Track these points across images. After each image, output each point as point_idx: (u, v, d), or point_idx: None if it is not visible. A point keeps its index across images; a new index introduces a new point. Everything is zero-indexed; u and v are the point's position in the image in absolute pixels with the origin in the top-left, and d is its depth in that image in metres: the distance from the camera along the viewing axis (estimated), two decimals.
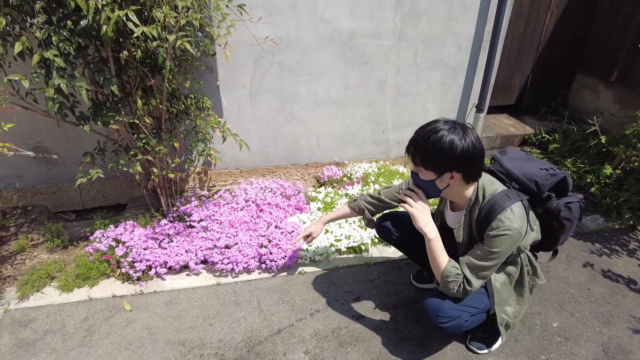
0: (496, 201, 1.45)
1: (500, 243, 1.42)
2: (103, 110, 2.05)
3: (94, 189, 2.90)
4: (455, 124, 1.39)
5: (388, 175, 3.09)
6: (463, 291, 1.51)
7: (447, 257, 1.51)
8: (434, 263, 1.52)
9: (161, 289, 2.17)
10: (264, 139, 3.02)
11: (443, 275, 1.51)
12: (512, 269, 1.66)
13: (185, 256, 2.25)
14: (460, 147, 1.35)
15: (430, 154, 1.38)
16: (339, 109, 3.05)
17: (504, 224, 1.41)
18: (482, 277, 1.51)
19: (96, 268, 2.22)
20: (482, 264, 1.47)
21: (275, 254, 2.27)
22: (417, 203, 1.50)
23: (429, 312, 1.57)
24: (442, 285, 1.53)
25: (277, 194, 2.80)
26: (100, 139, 2.34)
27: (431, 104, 3.22)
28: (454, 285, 1.50)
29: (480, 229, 1.49)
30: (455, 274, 1.50)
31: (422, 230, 1.49)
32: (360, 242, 2.43)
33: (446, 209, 1.71)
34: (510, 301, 1.69)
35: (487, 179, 1.53)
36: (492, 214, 1.43)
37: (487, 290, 1.64)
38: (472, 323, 1.62)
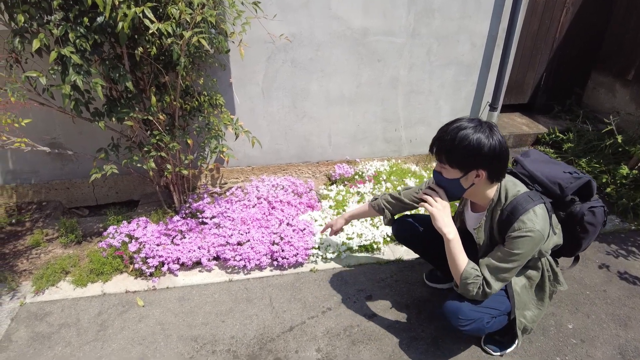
0: (519, 202, 1.43)
1: (522, 245, 1.40)
2: (117, 107, 2.07)
3: (106, 185, 2.93)
4: (480, 121, 1.38)
5: (400, 173, 3.08)
6: (482, 293, 1.49)
7: (466, 259, 1.49)
8: (453, 264, 1.50)
9: (174, 285, 2.18)
10: (275, 136, 3.02)
11: (462, 277, 1.49)
12: (533, 273, 1.63)
13: (198, 252, 2.26)
14: (487, 144, 1.34)
15: (457, 151, 1.37)
16: (351, 106, 3.04)
17: (526, 225, 1.39)
18: (501, 280, 1.48)
19: (109, 263, 2.24)
20: (503, 266, 1.45)
21: (287, 251, 2.27)
22: (438, 202, 1.48)
23: (449, 315, 1.55)
24: (461, 287, 1.51)
25: (288, 192, 2.79)
26: (114, 135, 2.36)
27: (444, 102, 3.19)
28: (473, 287, 1.48)
29: (502, 230, 1.47)
30: (475, 276, 1.48)
31: (441, 231, 1.47)
32: (373, 241, 2.42)
33: (466, 210, 1.69)
34: (530, 305, 1.67)
35: (509, 180, 1.51)
36: (514, 215, 1.41)
37: (508, 293, 1.62)
38: (493, 325, 1.60)
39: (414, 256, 2.39)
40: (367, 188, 2.89)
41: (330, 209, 2.71)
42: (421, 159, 3.41)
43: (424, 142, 3.35)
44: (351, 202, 2.75)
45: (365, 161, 3.27)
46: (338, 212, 2.67)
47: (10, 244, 2.46)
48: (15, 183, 2.78)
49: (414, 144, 3.34)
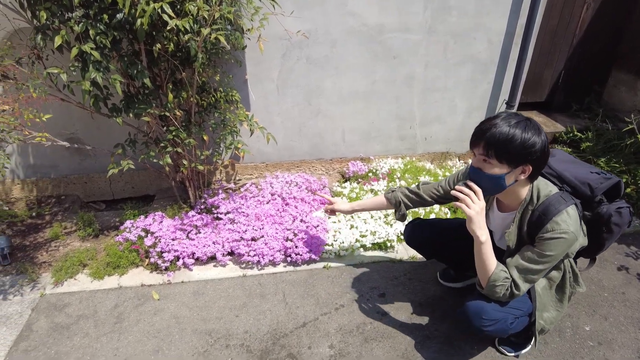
0: (551, 203, 1.41)
1: (555, 246, 1.38)
2: (135, 103, 2.09)
3: (123, 180, 2.97)
4: (525, 118, 1.37)
5: (414, 171, 3.06)
6: (509, 295, 1.47)
7: (495, 261, 1.47)
8: (482, 267, 1.48)
9: (188, 279, 2.20)
10: (289, 133, 3.02)
11: (491, 280, 1.47)
12: (555, 274, 1.61)
13: (213, 247, 2.28)
14: (540, 141, 1.33)
15: (510, 145, 1.33)
16: (365, 103, 3.03)
17: (560, 226, 1.37)
18: (529, 281, 1.46)
19: (126, 257, 2.28)
20: (533, 267, 1.43)
21: (301, 247, 2.28)
22: (476, 204, 1.41)
23: (472, 316, 1.53)
24: (488, 288, 1.49)
25: (302, 188, 2.80)
26: (131, 131, 2.39)
27: (460, 99, 3.16)
28: (501, 289, 1.46)
29: (532, 231, 1.44)
30: (504, 278, 1.46)
31: (474, 233, 1.43)
32: (386, 239, 2.41)
33: (492, 210, 1.66)
34: (549, 307, 1.64)
35: (541, 180, 1.49)
36: (546, 215, 1.39)
37: (530, 293, 1.60)
38: (517, 326, 1.58)
39: None
40: (380, 185, 2.87)
41: None
42: (436, 157, 3.38)
43: (439, 140, 3.32)
44: (365, 199, 2.74)
45: (379, 159, 3.26)
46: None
47: (30, 237, 2.52)
48: (35, 177, 2.84)
49: (429, 142, 3.31)
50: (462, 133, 3.33)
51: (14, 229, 2.58)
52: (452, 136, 3.33)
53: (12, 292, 2.11)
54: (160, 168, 2.60)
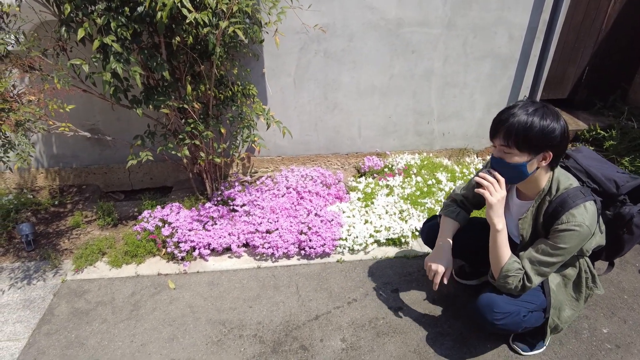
0: (569, 195, 1.40)
1: (569, 239, 1.37)
2: (154, 95, 2.13)
3: (142, 171, 3.03)
4: (543, 104, 1.37)
5: (431, 167, 3.03)
6: (521, 287, 1.47)
7: (509, 252, 1.47)
8: (495, 257, 1.48)
9: (204, 269, 2.24)
10: (305, 127, 3.03)
11: (503, 270, 1.47)
12: (570, 272, 1.58)
13: (228, 239, 2.31)
14: (559, 127, 1.33)
15: (530, 133, 1.33)
16: (382, 98, 3.01)
17: (576, 219, 1.36)
18: (541, 274, 1.46)
19: (143, 246, 2.33)
20: (545, 259, 1.43)
21: (315, 241, 2.29)
22: (498, 192, 1.44)
23: (483, 309, 1.53)
24: (500, 279, 1.49)
25: (317, 183, 2.81)
26: (150, 123, 2.43)
27: (479, 95, 3.11)
28: (513, 280, 1.46)
29: (547, 222, 1.43)
30: (517, 269, 1.45)
31: (492, 221, 1.45)
32: (401, 234, 2.41)
33: (511, 198, 1.65)
34: (564, 305, 1.62)
35: (562, 173, 1.48)
36: (563, 207, 1.39)
37: (543, 288, 1.58)
38: (530, 320, 1.56)
39: None
40: (396, 181, 2.86)
41: (359, 201, 2.71)
42: (453, 153, 3.35)
43: (457, 136, 3.28)
44: (380, 194, 2.74)
45: (395, 154, 3.25)
46: (367, 204, 2.67)
47: (53, 224, 2.59)
48: (58, 167, 2.92)
49: (447, 138, 3.28)
50: (481, 129, 3.28)
51: (38, 217, 2.66)
52: (470, 132, 3.29)
53: (35, 277, 2.18)
54: (178, 160, 2.64)
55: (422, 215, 2.55)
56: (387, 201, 2.66)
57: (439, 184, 2.85)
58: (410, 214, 2.54)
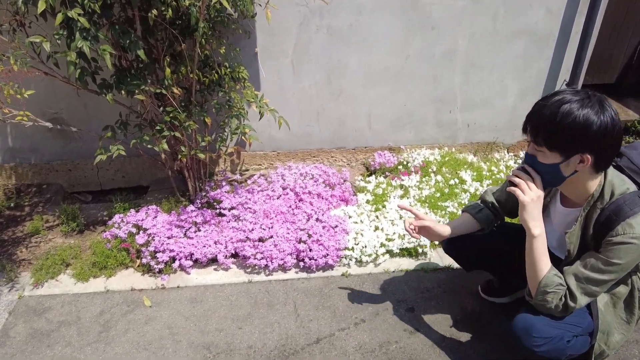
0: (625, 202, 1.37)
1: (624, 253, 1.35)
2: (127, 78, 2.13)
3: (113, 168, 3.04)
4: (588, 93, 1.33)
5: (453, 164, 3.04)
6: (563, 307, 1.45)
7: (549, 263, 1.45)
8: (532, 268, 1.47)
9: (185, 284, 2.25)
10: (305, 117, 3.04)
11: (541, 285, 1.45)
12: (621, 290, 1.56)
13: (214, 248, 2.32)
14: (597, 122, 1.28)
15: (558, 130, 1.31)
16: (396, 83, 3.01)
17: (634, 230, 1.32)
18: (589, 294, 1.44)
19: (114, 257, 2.34)
20: (595, 277, 1.40)
21: (316, 251, 2.30)
22: (532, 191, 1.42)
23: (519, 333, 1.50)
24: (538, 296, 1.47)
25: (319, 182, 2.82)
26: (122, 111, 2.44)
27: (511, 79, 3.11)
28: (553, 298, 1.44)
29: (598, 233, 1.41)
30: (557, 284, 1.43)
31: (527, 224, 1.43)
32: (417, 244, 2.41)
33: (554, 204, 1.64)
34: (612, 328, 1.60)
35: (616, 175, 1.45)
36: (618, 216, 1.36)
37: (590, 308, 1.57)
38: (575, 346, 1.54)
39: None
40: (412, 181, 2.86)
41: (368, 204, 2.71)
42: (480, 147, 3.35)
43: (484, 127, 3.28)
44: (393, 196, 2.74)
45: (411, 149, 3.25)
46: (377, 207, 2.67)
47: (9, 230, 2.61)
48: (14, 162, 2.94)
49: (472, 130, 3.28)
50: (513, 119, 3.28)
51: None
52: (500, 123, 3.28)
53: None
54: (156, 155, 2.65)
55: (443, 221, 2.55)
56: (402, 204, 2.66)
57: (462, 184, 2.85)
58: None
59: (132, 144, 2.25)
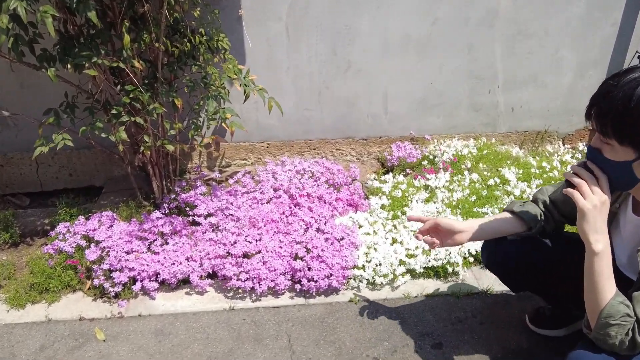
0: None
1: None
2: (75, 48, 2.13)
3: (57, 164, 3.04)
4: None
5: (493, 159, 3.03)
6: (630, 344, 1.44)
7: (614, 287, 1.44)
8: (592, 293, 1.46)
9: (149, 312, 2.25)
10: (304, 98, 3.04)
11: (603, 315, 1.44)
12: None
13: (186, 266, 2.32)
14: None
15: (633, 118, 1.29)
16: (420, 55, 3.01)
17: None
18: None
19: (58, 277, 2.33)
20: None
21: (316, 270, 2.30)
22: (596, 195, 1.40)
23: None
24: (598, 329, 1.46)
25: (320, 182, 2.81)
26: (68, 91, 2.44)
27: (568, 50, 3.10)
28: (618, 332, 1.43)
29: None
30: (623, 315, 1.43)
31: (586, 238, 1.42)
32: (447, 261, 2.40)
33: (624, 211, 1.63)
34: None
35: None
36: None
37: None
38: None
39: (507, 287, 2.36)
40: (440, 180, 2.86)
41: (383, 209, 2.71)
42: (527, 137, 3.34)
43: (533, 111, 3.28)
44: (416, 200, 2.73)
45: (439, 139, 3.24)
46: (395, 214, 2.66)
47: None
48: None
49: (517, 115, 3.28)
50: (570, 102, 3.27)
51: None
52: (554, 106, 3.28)
53: None
54: (112, 147, 2.64)
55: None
56: (427, 210, 2.66)
57: (505, 185, 2.84)
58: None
59: (82, 133, 2.24)
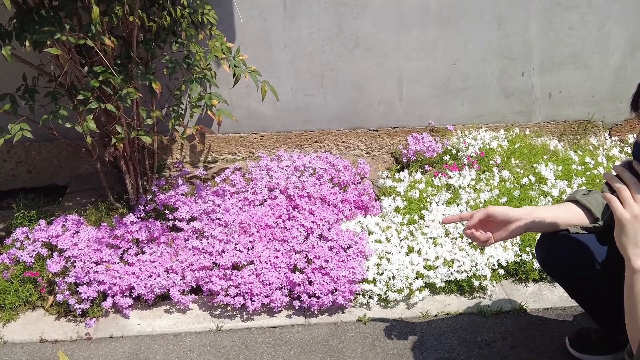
0: None
1: None
2: (34, 24, 2.13)
3: (13, 159, 3.05)
4: None
5: (527, 154, 3.03)
6: None
7: None
8: (633, 315, 1.47)
9: (122, 333, 2.25)
10: (304, 81, 3.04)
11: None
12: None
13: (165, 279, 2.32)
14: None
15: None
16: (441, 29, 3.01)
17: None
18: None
19: (15, 292, 2.34)
20: None
21: (319, 284, 2.30)
22: (638, 202, 1.40)
23: None
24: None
25: (324, 180, 2.81)
26: (27, 73, 2.44)
27: (616, 24, 3.10)
28: None
29: None
30: None
31: (625, 252, 1.43)
32: (473, 274, 2.41)
33: None
34: None
35: None
36: None
37: None
38: None
39: (545, 305, 2.36)
40: (465, 179, 2.86)
41: (398, 213, 2.71)
42: (568, 128, 3.34)
43: (574, 97, 3.28)
44: (436, 202, 2.74)
45: (464, 130, 3.25)
46: (411, 218, 2.67)
47: None
48: None
49: (556, 101, 3.28)
50: (618, 87, 3.27)
51: None
52: (599, 91, 3.28)
53: None
54: (78, 139, 2.65)
55: (511, 239, 2.54)
56: (449, 214, 2.66)
57: (541, 184, 2.84)
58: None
59: (43, 122, 2.24)
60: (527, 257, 2.45)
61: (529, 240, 2.50)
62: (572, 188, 2.81)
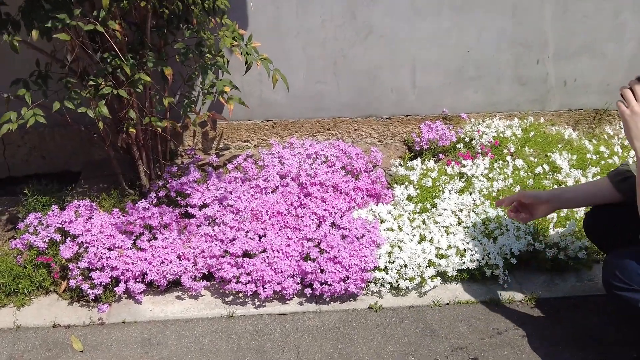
0: None
1: None
2: (42, 10, 2.12)
3: (27, 144, 3.06)
4: None
5: (541, 143, 3.01)
6: None
7: None
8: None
9: (134, 318, 2.26)
10: (316, 69, 3.03)
11: None
12: None
13: (177, 265, 2.33)
14: None
15: None
16: (455, 17, 2.99)
17: None
18: None
19: (28, 277, 2.34)
20: None
21: (331, 272, 2.30)
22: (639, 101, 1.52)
23: None
24: None
25: (336, 168, 2.81)
26: (40, 59, 2.44)
27: (631, 13, 3.07)
28: None
29: None
30: None
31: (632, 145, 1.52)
32: (485, 262, 2.40)
33: None
34: None
35: None
36: None
37: None
38: None
39: (556, 294, 2.36)
40: (479, 167, 2.85)
41: (410, 201, 2.70)
42: (583, 117, 3.31)
43: (589, 86, 3.26)
44: (448, 190, 2.72)
45: (477, 118, 3.23)
46: (423, 206, 2.66)
47: None
48: None
49: (571, 90, 3.26)
50: (633, 75, 3.20)
51: None
52: (614, 80, 3.25)
53: None
54: (91, 125, 2.65)
55: (524, 228, 2.53)
56: (462, 202, 2.65)
57: (555, 173, 2.83)
58: (503, 226, 2.53)
59: (55, 108, 2.25)
60: (540, 246, 2.43)
61: (541, 230, 2.49)
62: (586, 177, 2.79)
